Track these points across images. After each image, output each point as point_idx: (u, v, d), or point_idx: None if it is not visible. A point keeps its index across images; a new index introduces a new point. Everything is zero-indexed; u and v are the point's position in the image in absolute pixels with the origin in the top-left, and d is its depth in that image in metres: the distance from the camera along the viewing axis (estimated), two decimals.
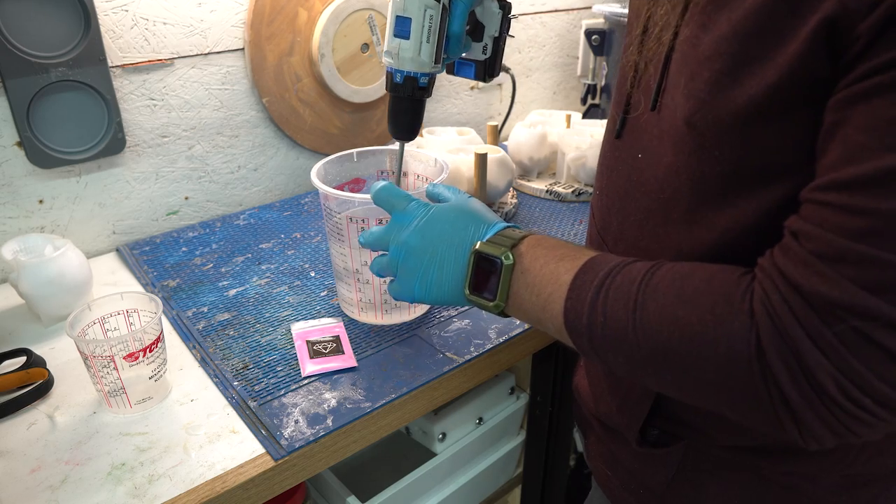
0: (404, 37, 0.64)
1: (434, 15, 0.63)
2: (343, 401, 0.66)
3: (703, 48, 0.43)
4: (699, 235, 0.48)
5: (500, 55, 0.79)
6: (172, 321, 0.80)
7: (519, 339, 0.77)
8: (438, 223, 0.56)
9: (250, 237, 1.00)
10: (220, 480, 0.57)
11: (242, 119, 1.07)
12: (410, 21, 0.63)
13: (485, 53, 0.76)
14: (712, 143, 0.44)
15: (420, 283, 0.56)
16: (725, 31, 0.42)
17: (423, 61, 0.64)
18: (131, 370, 0.63)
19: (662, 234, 0.51)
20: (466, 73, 0.79)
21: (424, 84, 0.66)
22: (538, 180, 1.17)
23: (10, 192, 0.89)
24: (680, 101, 0.46)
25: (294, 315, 0.80)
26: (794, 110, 0.40)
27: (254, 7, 1.00)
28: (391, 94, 0.68)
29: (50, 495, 0.56)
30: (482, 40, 0.75)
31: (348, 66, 1.11)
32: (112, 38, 0.91)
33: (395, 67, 0.65)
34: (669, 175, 0.49)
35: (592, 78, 1.42)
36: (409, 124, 0.69)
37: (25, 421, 0.65)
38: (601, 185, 0.60)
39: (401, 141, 0.71)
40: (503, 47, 0.79)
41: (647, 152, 0.52)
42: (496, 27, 0.75)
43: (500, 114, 1.45)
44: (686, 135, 0.46)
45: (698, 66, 0.44)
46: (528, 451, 0.99)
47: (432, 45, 0.65)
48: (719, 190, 0.45)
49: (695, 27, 0.45)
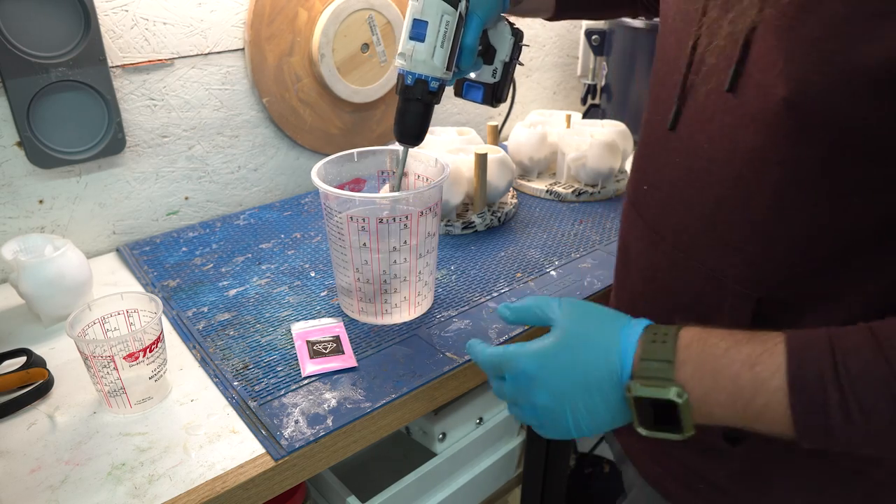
0: (419, 39, 0.65)
1: (450, 21, 0.64)
2: (343, 401, 0.66)
3: (809, 29, 0.42)
4: (790, 221, 0.47)
5: (508, 80, 0.79)
6: (172, 321, 0.80)
7: (519, 339, 0.77)
8: (558, 374, 0.49)
9: (250, 237, 1.00)
10: (220, 480, 0.57)
11: (242, 119, 1.07)
12: (427, 24, 0.64)
13: (494, 77, 0.77)
14: (816, 125, 0.43)
15: (573, 429, 0.50)
16: (840, 11, 0.40)
17: (435, 65, 0.65)
18: (131, 370, 0.63)
19: (740, 221, 0.50)
20: (474, 96, 0.80)
21: (434, 89, 0.67)
22: (538, 180, 1.17)
23: (10, 192, 0.89)
24: (775, 82, 0.44)
25: (294, 315, 0.80)
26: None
27: (254, 7, 1.00)
28: (400, 97, 0.68)
29: (50, 495, 0.56)
30: (493, 63, 0.76)
31: (348, 66, 1.11)
32: (112, 38, 0.91)
33: (408, 69, 0.66)
34: (753, 161, 0.47)
35: (592, 78, 1.42)
36: (417, 128, 0.69)
37: (25, 421, 0.65)
38: (651, 180, 0.59)
39: (405, 146, 0.71)
40: (513, 73, 0.79)
41: (719, 139, 0.50)
42: (507, 52, 0.76)
43: (500, 114, 1.45)
44: (783, 117, 0.44)
45: (804, 47, 0.42)
46: (528, 451, 0.99)
47: (446, 50, 0.65)
48: (817, 174, 0.44)
49: (789, 6, 0.43)
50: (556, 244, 0.97)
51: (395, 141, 0.71)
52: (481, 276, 0.89)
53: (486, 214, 1.01)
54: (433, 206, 0.73)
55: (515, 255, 0.94)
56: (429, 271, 0.78)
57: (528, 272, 0.89)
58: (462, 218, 1.00)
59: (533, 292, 0.85)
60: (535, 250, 0.95)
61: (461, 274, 0.89)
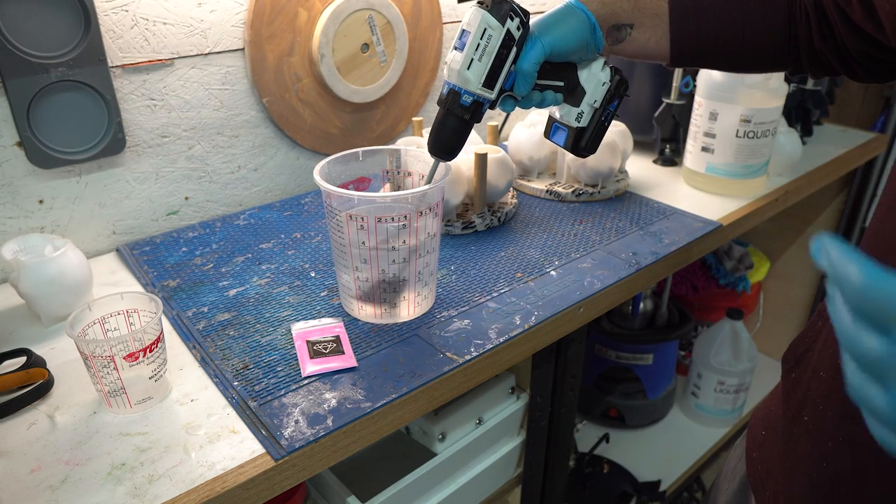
0: (459, 49, 0.64)
1: (493, 36, 0.62)
2: (343, 401, 0.66)
3: None
4: None
5: (596, 128, 0.73)
6: (172, 321, 0.80)
7: (519, 339, 0.77)
8: None
9: (250, 237, 1.00)
10: (221, 480, 0.57)
11: (242, 119, 1.07)
12: (469, 34, 0.63)
13: (578, 121, 0.72)
14: None
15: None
16: None
17: (468, 78, 0.63)
18: (131, 370, 0.63)
19: None
20: (557, 139, 0.76)
21: (467, 103, 0.65)
22: (538, 180, 1.17)
23: (10, 192, 0.89)
24: None
25: (294, 315, 0.80)
26: None
27: (254, 7, 1.00)
28: (440, 108, 0.67)
29: (50, 495, 0.56)
30: (579, 106, 0.71)
31: (348, 66, 1.11)
32: (112, 38, 0.91)
33: (445, 79, 0.65)
34: None
35: None
36: (446, 142, 0.67)
37: (25, 421, 0.65)
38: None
39: (436, 158, 0.69)
40: (606, 123, 0.73)
41: None
42: (598, 97, 0.71)
43: (500, 114, 1.45)
44: None
45: None
46: (528, 451, 0.99)
47: (484, 65, 0.63)
48: None
49: None
50: (556, 244, 0.97)
51: (396, 141, 0.71)
52: (481, 276, 0.89)
53: (486, 214, 1.01)
54: (434, 206, 0.73)
55: (515, 255, 0.94)
56: (429, 271, 0.78)
57: (528, 272, 0.89)
58: (462, 218, 1.00)
59: (533, 292, 0.85)
60: (535, 250, 0.95)
61: (461, 274, 0.89)
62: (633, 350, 1.51)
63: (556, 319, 0.81)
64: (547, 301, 0.83)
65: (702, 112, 1.15)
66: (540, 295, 0.84)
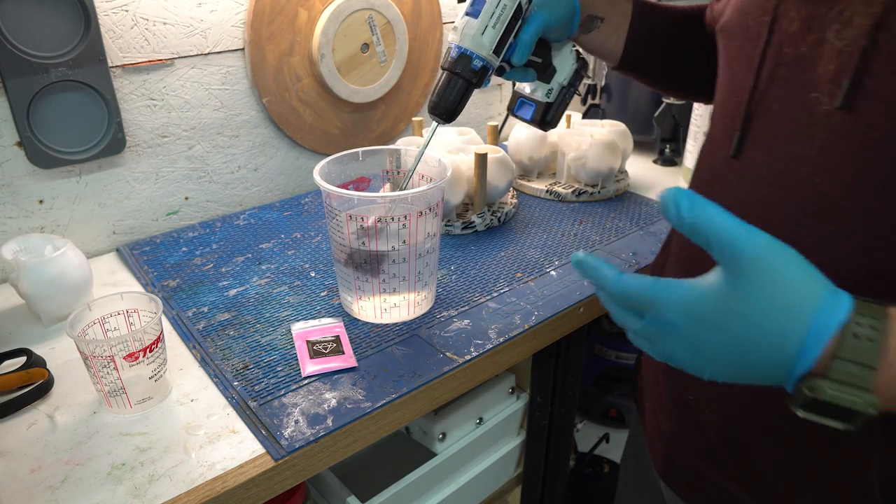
0: (474, 16, 0.66)
1: (507, 5, 0.66)
2: (343, 401, 0.66)
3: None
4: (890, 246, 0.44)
5: (562, 106, 0.79)
6: (172, 321, 0.80)
7: (519, 339, 0.77)
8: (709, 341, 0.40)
9: (250, 237, 1.00)
10: (221, 480, 0.57)
11: (242, 119, 1.07)
12: (484, 3, 0.66)
13: (548, 97, 0.77)
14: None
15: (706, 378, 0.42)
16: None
17: (482, 42, 0.66)
18: (131, 370, 0.63)
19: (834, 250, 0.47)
20: (524, 113, 0.81)
21: (477, 67, 0.68)
22: (538, 180, 1.17)
23: (10, 192, 0.89)
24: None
25: (294, 315, 0.80)
26: None
27: (254, 7, 1.00)
28: (442, 70, 0.69)
29: (50, 495, 0.56)
30: (550, 83, 0.77)
31: (348, 66, 1.11)
32: (112, 38, 0.91)
33: (456, 43, 0.67)
34: (856, 184, 0.44)
35: (593, 78, 1.42)
36: (452, 103, 0.70)
37: (25, 421, 0.65)
38: None
39: (436, 119, 0.71)
40: (568, 100, 0.79)
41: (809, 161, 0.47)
42: (567, 76, 0.77)
43: (500, 114, 1.45)
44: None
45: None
46: (528, 451, 0.99)
47: (497, 32, 0.66)
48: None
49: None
50: (556, 244, 0.97)
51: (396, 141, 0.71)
52: (481, 276, 0.89)
53: (486, 214, 1.01)
54: (434, 206, 0.73)
55: (515, 255, 0.94)
56: (429, 271, 0.78)
57: (528, 272, 0.89)
58: (462, 218, 1.00)
59: (533, 292, 0.85)
60: (535, 250, 0.95)
61: (461, 274, 0.89)
62: (633, 350, 1.51)
63: (556, 319, 0.81)
64: (547, 301, 0.83)
65: (702, 112, 1.15)
66: (540, 295, 0.84)
